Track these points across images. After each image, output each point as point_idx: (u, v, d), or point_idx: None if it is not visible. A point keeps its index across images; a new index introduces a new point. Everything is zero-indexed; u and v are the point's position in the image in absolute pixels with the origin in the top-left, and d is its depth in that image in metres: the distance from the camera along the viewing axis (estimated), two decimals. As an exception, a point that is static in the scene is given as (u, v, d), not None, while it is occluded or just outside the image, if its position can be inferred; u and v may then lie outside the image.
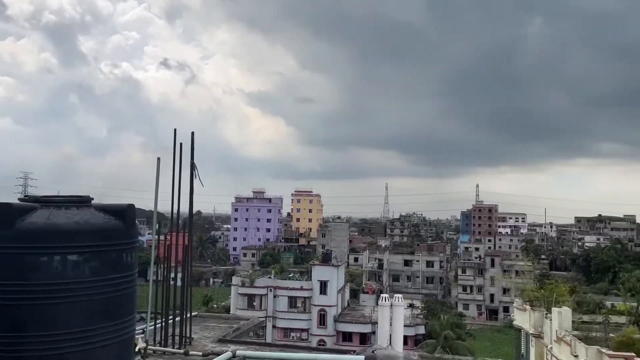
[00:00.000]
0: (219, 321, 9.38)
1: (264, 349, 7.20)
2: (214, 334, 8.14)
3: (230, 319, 9.60)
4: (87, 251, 4.79)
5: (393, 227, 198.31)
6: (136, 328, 8.07)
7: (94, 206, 5.23)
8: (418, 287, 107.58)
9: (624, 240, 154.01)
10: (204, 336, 7.95)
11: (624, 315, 27.99)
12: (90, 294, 4.78)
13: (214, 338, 7.77)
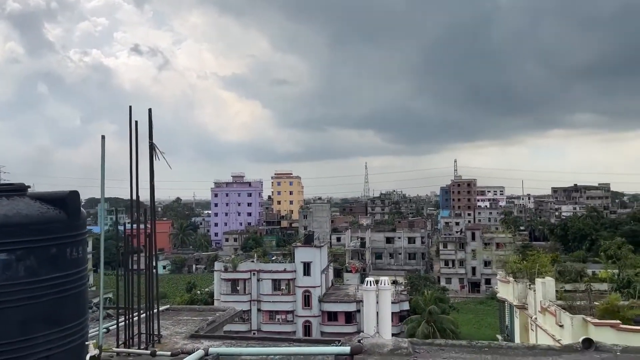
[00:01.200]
0: (192, 314, 8.73)
1: (240, 344, 6.59)
2: (187, 328, 7.49)
3: (206, 310, 8.96)
4: (19, 248, 4.05)
5: (374, 205, 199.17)
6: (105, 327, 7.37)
7: (29, 195, 4.48)
8: (401, 263, 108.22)
9: (600, 208, 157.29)
10: (176, 332, 7.29)
11: (605, 283, 28.11)
12: (25, 297, 4.08)
13: (187, 333, 7.12)
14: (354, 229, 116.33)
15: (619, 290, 25.44)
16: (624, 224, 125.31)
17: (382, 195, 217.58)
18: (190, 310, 9.04)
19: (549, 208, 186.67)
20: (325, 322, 61.25)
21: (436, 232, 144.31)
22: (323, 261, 64.41)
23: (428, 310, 57.45)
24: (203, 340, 6.71)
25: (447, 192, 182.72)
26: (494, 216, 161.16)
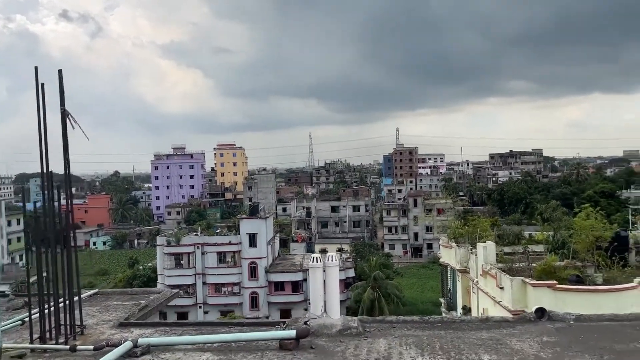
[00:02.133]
0: (124, 298, 8.00)
1: (175, 330, 5.98)
2: (117, 315, 6.78)
3: (139, 294, 8.24)
4: None
5: (319, 175, 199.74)
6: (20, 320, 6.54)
7: None
8: (346, 231, 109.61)
9: (533, 173, 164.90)
10: (103, 320, 6.57)
11: (541, 244, 29.20)
12: None
13: (115, 322, 6.42)
14: (299, 199, 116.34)
15: (555, 251, 26.44)
16: (555, 188, 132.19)
17: (326, 164, 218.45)
18: (121, 294, 8.29)
19: (487, 174, 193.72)
20: (272, 293, 61.33)
21: (380, 199, 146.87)
22: (269, 232, 64.04)
23: (373, 277, 58.52)
24: (133, 329, 6.06)
25: (389, 161, 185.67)
26: (434, 183, 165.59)
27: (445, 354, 4.94)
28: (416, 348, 5.12)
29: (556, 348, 4.97)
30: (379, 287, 58.36)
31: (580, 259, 24.69)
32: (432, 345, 5.17)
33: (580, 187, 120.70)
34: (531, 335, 5.31)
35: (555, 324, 5.63)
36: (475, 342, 5.23)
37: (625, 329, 5.44)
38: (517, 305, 21.47)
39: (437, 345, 5.16)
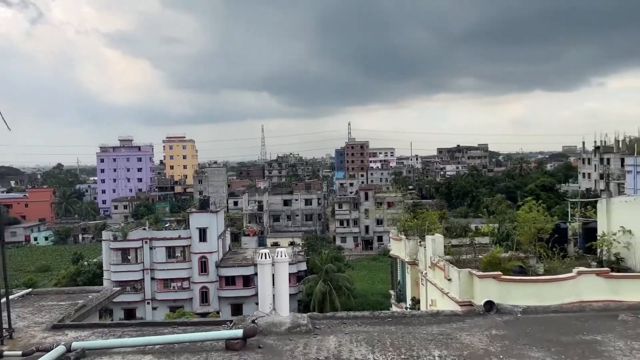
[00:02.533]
0: (60, 297, 7.52)
1: (114, 332, 5.63)
2: (51, 317, 6.34)
3: (76, 292, 7.76)
4: None
5: (271, 168, 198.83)
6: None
7: None
8: (298, 225, 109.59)
9: (479, 167, 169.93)
10: (35, 322, 6.12)
11: (487, 236, 30.00)
12: None
13: (49, 324, 5.99)
14: (251, 192, 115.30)
15: (499, 243, 27.24)
16: (500, 181, 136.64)
17: (279, 158, 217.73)
18: (57, 294, 7.79)
19: (435, 168, 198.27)
20: (223, 287, 60.57)
21: (332, 193, 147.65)
22: (220, 226, 63.09)
23: (325, 270, 58.77)
24: (68, 332, 5.66)
25: (341, 154, 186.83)
26: (385, 176, 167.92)
27: (396, 350, 4.86)
28: (367, 345, 5.01)
29: (505, 341, 4.98)
30: (330, 280, 58.68)
31: (523, 250, 25.53)
32: (383, 342, 5.08)
33: (523, 181, 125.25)
34: (480, 329, 5.32)
35: (504, 317, 5.67)
36: (425, 337, 5.18)
37: (570, 321, 5.54)
38: (464, 296, 21.97)
39: (387, 342, 5.07)
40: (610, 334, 5.12)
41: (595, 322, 5.49)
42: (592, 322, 5.48)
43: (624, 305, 5.97)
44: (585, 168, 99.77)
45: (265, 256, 6.25)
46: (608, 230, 26.41)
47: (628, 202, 27.21)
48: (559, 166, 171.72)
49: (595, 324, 5.42)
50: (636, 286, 21.87)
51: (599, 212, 28.38)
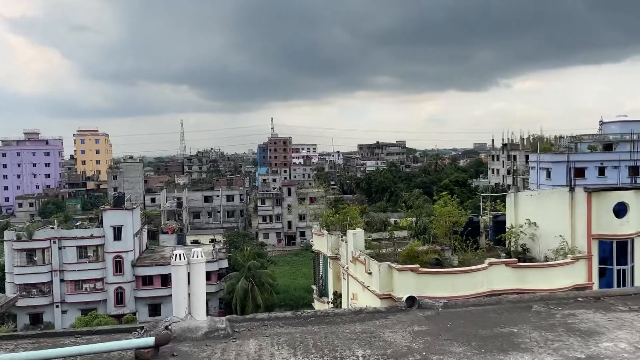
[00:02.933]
0: (-56, 308, 6.65)
1: (6, 345, 5.02)
2: None
3: (-35, 302, 6.91)
4: None
5: (191, 164, 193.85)
6: None
7: None
8: (219, 221, 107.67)
9: (397, 163, 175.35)
10: None
11: (405, 230, 30.88)
12: None
13: None
14: (169, 188, 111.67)
15: (417, 236, 28.11)
16: (416, 177, 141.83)
17: (199, 153, 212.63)
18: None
19: (356, 164, 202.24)
20: (140, 287, 58.27)
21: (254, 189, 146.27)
22: (136, 224, 60.54)
23: (247, 267, 58.13)
24: (-50, 348, 4.98)
25: (264, 150, 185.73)
26: (307, 172, 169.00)
27: (319, 351, 4.69)
28: (288, 347, 4.81)
29: (427, 337, 4.97)
30: (252, 277, 58.12)
31: (439, 243, 26.53)
32: (305, 343, 4.89)
33: (438, 177, 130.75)
34: (403, 326, 5.28)
35: (425, 312, 5.68)
36: (349, 336, 5.05)
37: (488, 314, 5.65)
38: (384, 290, 22.46)
39: (310, 343, 4.90)
40: (525, 325, 5.26)
41: (511, 314, 5.63)
42: (508, 314, 5.63)
43: (536, 297, 6.20)
44: (494, 164, 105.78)
45: (179, 257, 5.86)
46: (516, 223, 28.09)
47: (533, 196, 29.09)
48: (471, 162, 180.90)
49: (511, 316, 5.57)
50: (540, 275, 23.43)
51: (508, 206, 30.12)
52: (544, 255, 25.32)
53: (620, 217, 23.34)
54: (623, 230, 23.26)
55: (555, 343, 4.74)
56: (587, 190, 23.57)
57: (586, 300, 5.90)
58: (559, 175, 72.52)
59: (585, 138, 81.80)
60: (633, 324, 5.18)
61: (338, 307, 30.71)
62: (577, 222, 23.99)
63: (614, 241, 23.21)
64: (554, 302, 5.99)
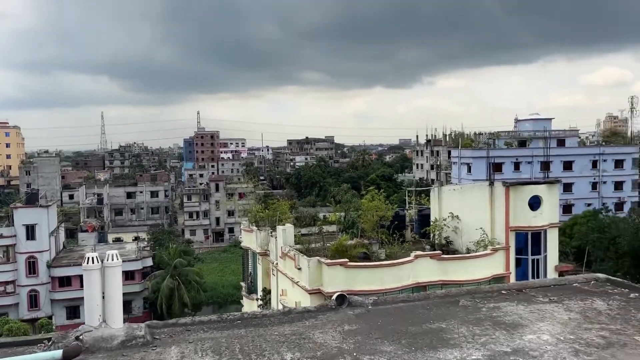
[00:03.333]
0: None
1: None
2: None
3: None
4: None
5: (112, 158, 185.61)
6: None
7: None
8: (143, 218, 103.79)
9: (326, 158, 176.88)
10: None
11: (334, 225, 31.12)
12: None
13: None
14: (89, 184, 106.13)
15: (346, 231, 28.39)
16: (345, 172, 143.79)
17: (121, 147, 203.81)
18: None
19: (285, 159, 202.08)
20: (57, 289, 55.05)
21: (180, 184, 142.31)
22: (52, 222, 57.06)
23: (173, 265, 56.46)
24: None
25: (190, 144, 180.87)
26: (236, 167, 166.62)
27: (245, 357, 4.45)
28: (213, 354, 4.53)
29: (357, 337, 4.86)
30: (179, 275, 56.54)
31: (367, 236, 26.95)
32: (232, 348, 4.63)
33: (365, 172, 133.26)
34: (333, 325, 5.15)
35: (355, 310, 5.58)
36: (277, 339, 4.84)
37: (417, 310, 5.65)
38: (313, 285, 22.48)
39: (236, 348, 4.64)
40: (453, 320, 5.29)
41: (439, 309, 5.66)
42: (437, 310, 5.65)
43: (463, 291, 6.29)
44: (419, 159, 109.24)
45: (91, 260, 5.39)
46: (440, 216, 29.08)
47: (456, 190, 30.24)
48: (396, 157, 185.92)
49: (440, 311, 5.59)
50: (462, 266, 24.38)
51: (432, 200, 31.11)
52: (466, 247, 26.39)
53: (535, 209, 24.74)
54: (537, 222, 24.67)
55: (482, 337, 4.79)
56: (505, 185, 24.76)
57: (509, 293, 6.05)
58: (478, 170, 76.10)
59: (502, 135, 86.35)
60: (553, 315, 5.36)
61: (267, 303, 30.44)
62: (496, 215, 25.16)
63: (529, 232, 24.56)
64: (479, 295, 6.10)
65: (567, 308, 5.53)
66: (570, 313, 5.36)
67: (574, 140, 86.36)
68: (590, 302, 5.68)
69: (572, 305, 5.63)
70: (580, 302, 5.70)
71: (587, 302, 5.68)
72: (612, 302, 5.63)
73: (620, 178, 79.70)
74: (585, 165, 78.68)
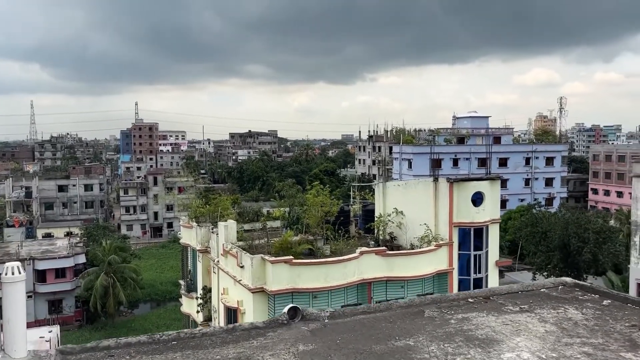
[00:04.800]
0: None
1: None
2: None
3: None
4: None
5: (43, 150, 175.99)
6: None
7: None
8: (76, 213, 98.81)
9: (269, 153, 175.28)
10: None
11: (278, 220, 30.34)
12: None
13: None
14: (17, 177, 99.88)
15: (290, 226, 27.68)
16: (288, 166, 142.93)
17: (53, 138, 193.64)
18: None
19: (227, 152, 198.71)
20: (-22, 290, 51.13)
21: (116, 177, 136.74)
22: (-28, 217, 52.88)
23: (107, 261, 53.82)
24: None
25: (128, 136, 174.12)
26: (176, 160, 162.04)
27: (181, 390, 3.68)
28: (141, 387, 3.73)
29: (314, 358, 4.19)
30: (114, 272, 53.99)
31: (312, 232, 26.36)
32: (165, 379, 3.85)
33: (309, 166, 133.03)
34: (285, 345, 4.45)
35: (310, 325, 4.91)
36: (220, 364, 4.10)
37: (379, 323, 5.05)
38: (257, 283, 21.67)
39: (170, 378, 3.86)
40: (421, 336, 4.73)
41: (404, 322, 5.09)
42: (401, 323, 5.08)
43: (427, 300, 5.76)
44: (361, 155, 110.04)
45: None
46: (384, 212, 28.94)
47: (400, 186, 30.19)
48: (339, 153, 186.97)
49: (404, 325, 5.02)
50: (407, 262, 24.30)
51: (377, 195, 30.94)
52: (410, 242, 26.35)
53: (477, 205, 25.00)
54: (479, 218, 24.95)
55: (457, 357, 4.25)
56: (449, 181, 24.87)
57: (477, 301, 5.57)
58: (419, 166, 77.48)
59: (441, 132, 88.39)
60: (528, 327, 4.91)
61: (207, 302, 29.29)
62: (440, 211, 25.23)
63: (472, 228, 24.80)
64: (445, 305, 5.59)
65: (541, 318, 5.11)
66: (546, 324, 4.94)
67: (509, 137, 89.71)
68: (563, 311, 5.29)
69: (546, 314, 5.22)
70: (552, 311, 5.30)
71: (560, 311, 5.29)
72: (586, 311, 5.27)
73: (551, 175, 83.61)
74: (519, 162, 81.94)
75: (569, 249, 47.27)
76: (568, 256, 47.83)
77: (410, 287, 23.62)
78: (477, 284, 25.16)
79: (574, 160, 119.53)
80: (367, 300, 23.02)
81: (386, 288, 23.45)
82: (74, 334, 50.53)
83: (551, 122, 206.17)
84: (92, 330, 52.47)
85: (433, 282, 24.44)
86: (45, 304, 53.73)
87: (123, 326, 53.99)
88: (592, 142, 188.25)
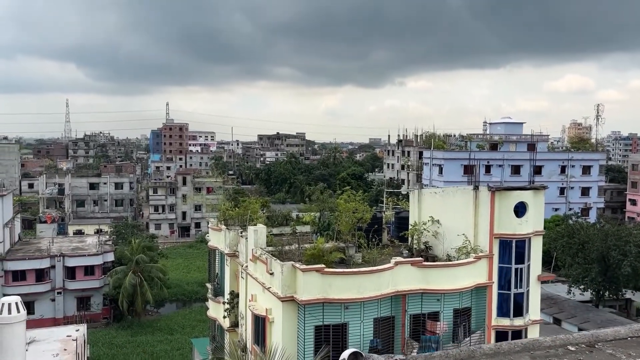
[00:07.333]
0: None
1: None
2: None
3: None
4: None
5: (76, 147, 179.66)
6: None
7: None
8: (106, 211, 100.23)
9: (297, 155, 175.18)
10: None
11: (308, 225, 29.54)
12: None
13: None
14: (50, 173, 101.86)
15: (321, 232, 26.81)
16: (315, 169, 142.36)
17: (86, 137, 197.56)
18: None
19: (255, 154, 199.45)
20: (10, 283, 51.90)
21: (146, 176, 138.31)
22: (6, 212, 53.73)
23: (135, 260, 53.99)
24: None
25: (158, 136, 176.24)
26: (205, 161, 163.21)
27: None
28: None
29: None
30: (141, 271, 54.12)
31: (343, 239, 25.43)
32: None
33: (336, 169, 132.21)
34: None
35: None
36: None
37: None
38: (286, 292, 20.88)
39: None
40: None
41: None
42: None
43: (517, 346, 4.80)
44: (389, 159, 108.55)
45: None
46: (419, 220, 27.83)
47: (437, 193, 29.02)
48: (367, 156, 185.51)
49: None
50: (443, 274, 23.17)
51: (411, 202, 29.80)
52: (446, 253, 25.19)
53: (520, 216, 23.71)
54: (522, 230, 23.63)
55: None
56: (491, 189, 23.65)
57: (579, 350, 4.63)
58: (450, 172, 75.77)
59: (474, 137, 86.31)
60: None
61: (234, 307, 28.64)
62: (480, 221, 24.01)
63: (514, 240, 23.51)
64: (540, 352, 4.64)
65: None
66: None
67: (544, 145, 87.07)
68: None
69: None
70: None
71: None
72: None
73: (587, 184, 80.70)
74: (553, 171, 79.36)
75: (608, 262, 45.25)
76: (607, 269, 45.79)
77: (447, 300, 22.48)
78: (517, 299, 23.84)
79: (611, 169, 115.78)
80: (401, 313, 22.00)
81: (421, 301, 22.37)
82: (101, 331, 50.70)
83: (586, 129, 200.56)
84: (118, 328, 52.60)
85: (471, 295, 23.23)
86: (74, 301, 54.17)
87: (149, 325, 54.01)
88: (629, 151, 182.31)
